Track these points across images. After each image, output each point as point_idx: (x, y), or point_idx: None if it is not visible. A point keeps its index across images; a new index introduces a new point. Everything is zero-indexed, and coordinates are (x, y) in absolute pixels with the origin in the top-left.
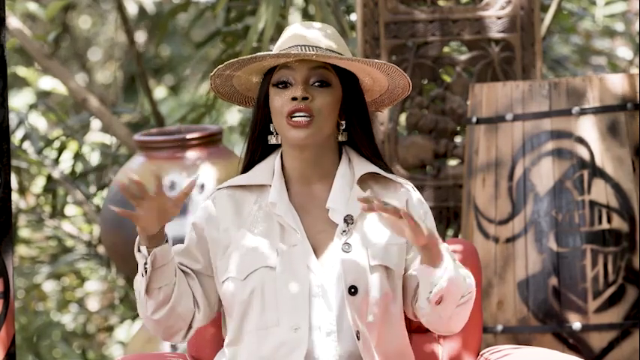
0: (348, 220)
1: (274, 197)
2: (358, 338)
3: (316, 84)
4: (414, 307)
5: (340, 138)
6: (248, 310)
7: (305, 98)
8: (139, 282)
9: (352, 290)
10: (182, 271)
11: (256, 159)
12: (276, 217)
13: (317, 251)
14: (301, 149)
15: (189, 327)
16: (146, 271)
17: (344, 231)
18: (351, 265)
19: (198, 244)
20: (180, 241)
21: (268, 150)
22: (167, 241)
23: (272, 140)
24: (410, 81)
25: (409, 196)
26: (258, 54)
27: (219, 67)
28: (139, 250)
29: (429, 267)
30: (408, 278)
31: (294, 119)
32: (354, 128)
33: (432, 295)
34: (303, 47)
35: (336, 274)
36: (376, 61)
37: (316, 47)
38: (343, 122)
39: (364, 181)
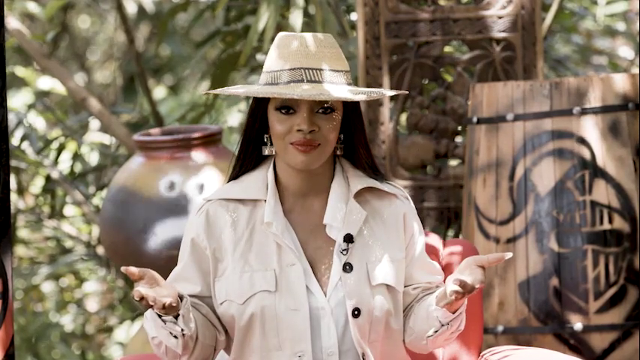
0: (348, 239)
1: (270, 216)
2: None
3: (321, 110)
4: (404, 323)
5: (338, 152)
6: (248, 333)
7: (312, 131)
8: (173, 343)
9: (356, 312)
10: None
11: (248, 169)
12: (273, 235)
13: (315, 269)
14: (299, 169)
15: (214, 350)
16: (184, 336)
17: (344, 250)
18: (354, 286)
19: (199, 264)
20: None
21: (260, 157)
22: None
23: (266, 151)
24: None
25: (406, 209)
26: (267, 92)
27: (223, 89)
28: (161, 320)
29: (449, 312)
30: (403, 294)
31: (299, 147)
32: (353, 144)
33: (439, 333)
34: (307, 71)
35: (337, 296)
36: (386, 93)
37: (321, 70)
38: (341, 136)
39: (360, 194)
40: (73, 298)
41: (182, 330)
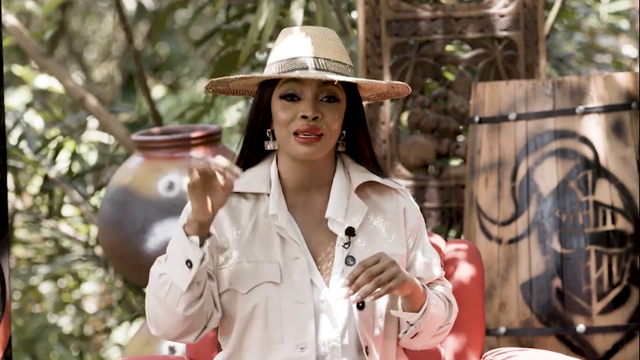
0: (349, 232)
1: (274, 209)
2: (367, 353)
3: (325, 99)
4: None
5: (340, 148)
6: (250, 324)
7: (315, 118)
8: (183, 275)
9: (360, 305)
10: None
11: (251, 164)
12: (277, 228)
13: (318, 263)
14: (302, 161)
15: (205, 327)
16: (201, 263)
17: (346, 243)
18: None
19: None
20: None
21: (262, 153)
22: (210, 235)
23: (268, 146)
24: (410, 90)
25: (406, 203)
26: (279, 75)
27: (231, 77)
28: (186, 238)
29: (408, 312)
30: None
31: (301, 136)
32: (355, 140)
33: (408, 333)
34: (315, 60)
35: (340, 289)
36: (394, 82)
37: (327, 60)
38: (344, 132)
39: (361, 188)
40: (72, 299)
41: (202, 257)
